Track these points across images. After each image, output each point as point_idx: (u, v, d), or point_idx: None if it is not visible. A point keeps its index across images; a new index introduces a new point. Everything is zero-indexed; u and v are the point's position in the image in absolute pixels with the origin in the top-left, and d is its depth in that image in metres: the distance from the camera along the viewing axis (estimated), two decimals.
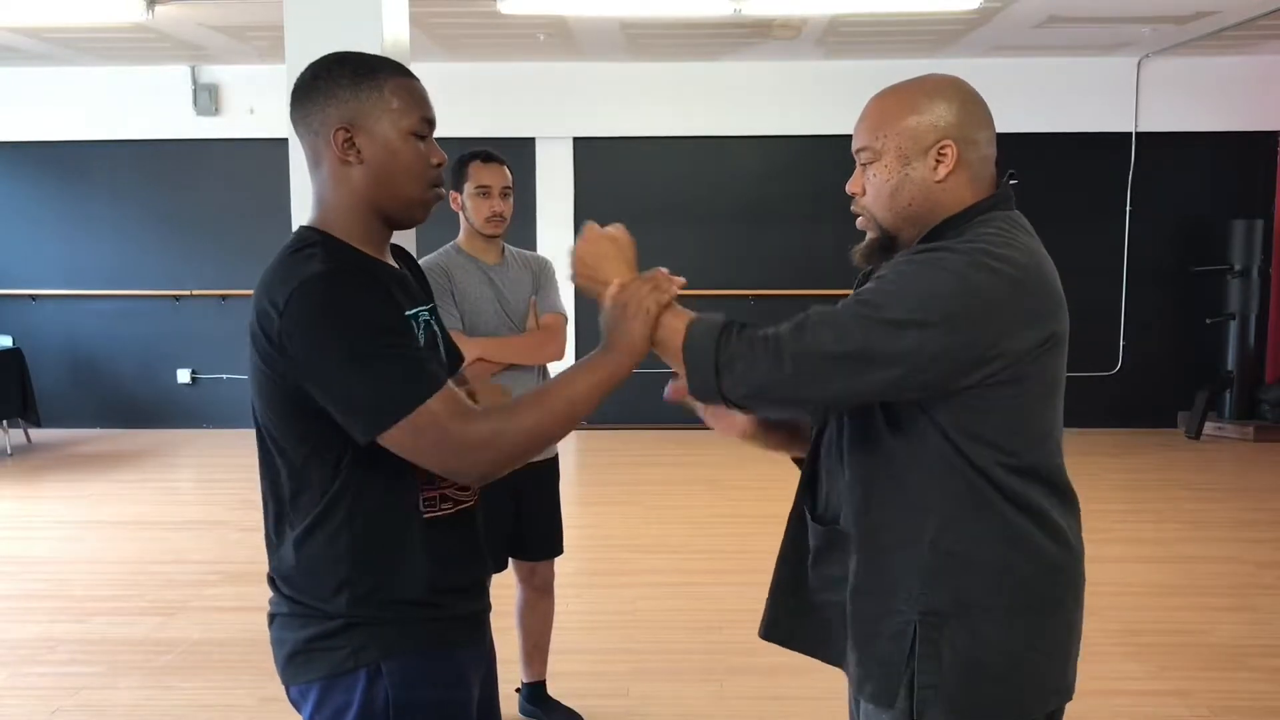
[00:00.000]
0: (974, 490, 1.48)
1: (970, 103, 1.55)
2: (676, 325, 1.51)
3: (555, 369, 3.17)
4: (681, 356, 1.50)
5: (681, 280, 1.56)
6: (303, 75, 1.53)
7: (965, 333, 1.41)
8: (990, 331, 1.42)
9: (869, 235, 1.61)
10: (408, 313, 1.51)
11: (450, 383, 1.44)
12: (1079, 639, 1.60)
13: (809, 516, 1.66)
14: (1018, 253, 1.48)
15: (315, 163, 1.53)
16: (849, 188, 1.60)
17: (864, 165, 1.57)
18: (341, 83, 1.49)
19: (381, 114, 1.49)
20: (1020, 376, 1.46)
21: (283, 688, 1.58)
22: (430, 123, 1.54)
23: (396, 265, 1.62)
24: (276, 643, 1.56)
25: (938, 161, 1.52)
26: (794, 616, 1.69)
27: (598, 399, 1.48)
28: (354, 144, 1.49)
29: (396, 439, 1.40)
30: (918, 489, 1.50)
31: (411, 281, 1.63)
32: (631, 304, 1.50)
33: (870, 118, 1.56)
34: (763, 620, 1.73)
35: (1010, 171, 1.61)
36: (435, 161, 1.55)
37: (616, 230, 1.62)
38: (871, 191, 1.56)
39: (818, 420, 1.68)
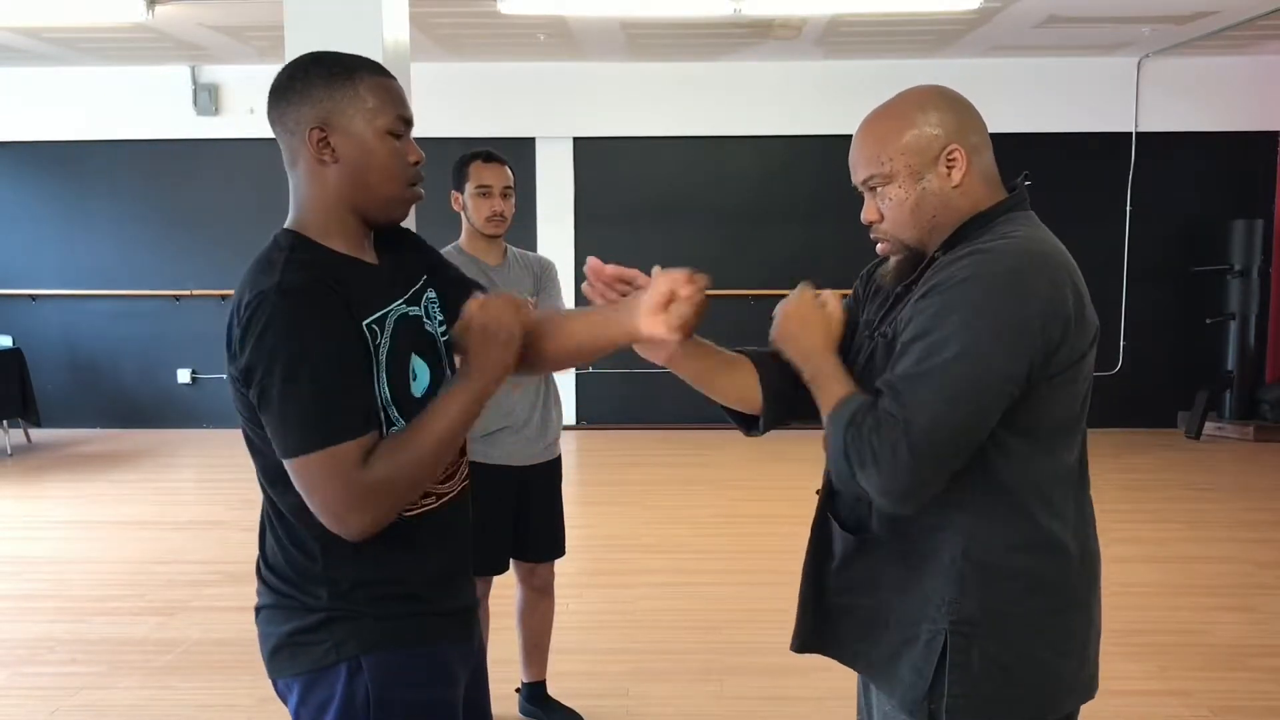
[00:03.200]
0: (1010, 496, 1.49)
1: (960, 106, 1.54)
2: (825, 404, 1.54)
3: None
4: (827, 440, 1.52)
5: (532, 301, 1.55)
6: (279, 75, 1.52)
7: (1039, 327, 1.42)
8: (1056, 322, 1.43)
9: (895, 258, 1.59)
10: (370, 319, 1.47)
11: (375, 433, 1.43)
12: (1099, 636, 1.61)
13: (837, 524, 1.64)
14: (1052, 249, 1.49)
15: (292, 162, 1.52)
16: (865, 217, 1.58)
17: (874, 190, 1.55)
18: (316, 82, 1.48)
19: (356, 113, 1.48)
20: (1077, 375, 1.48)
21: None
22: (407, 121, 1.53)
23: (378, 258, 1.58)
24: (262, 636, 1.56)
25: (949, 168, 1.51)
26: (822, 625, 1.68)
27: (466, 427, 1.49)
28: (329, 143, 1.48)
29: (298, 470, 1.40)
30: (953, 498, 1.48)
31: (386, 276, 1.57)
32: (492, 326, 1.49)
33: (868, 144, 1.54)
34: (795, 635, 1.72)
35: (1025, 172, 1.61)
36: (412, 160, 1.53)
37: (830, 299, 1.65)
38: (890, 214, 1.54)
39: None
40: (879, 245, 1.60)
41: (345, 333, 1.43)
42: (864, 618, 1.60)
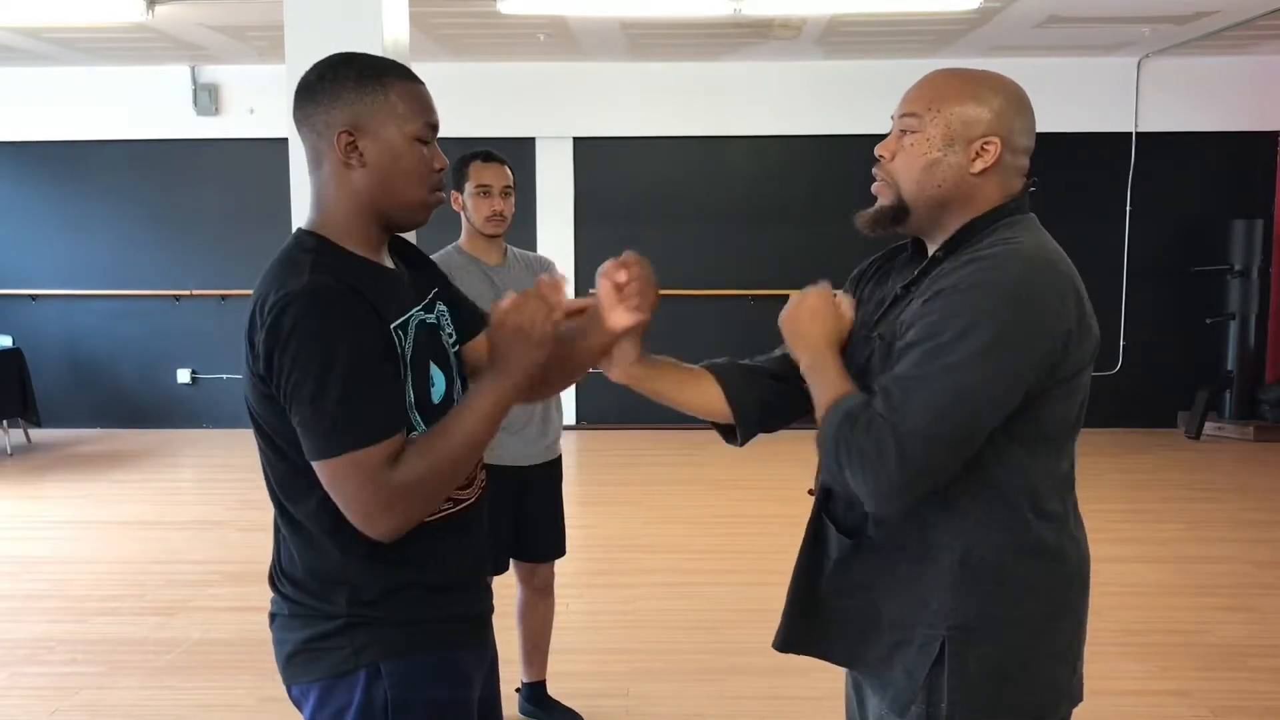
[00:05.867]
0: (1007, 503, 1.49)
1: (1025, 112, 1.55)
2: (821, 398, 1.54)
3: None
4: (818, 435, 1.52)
5: (561, 283, 1.53)
6: (308, 75, 1.52)
7: (1041, 337, 1.42)
8: (1059, 333, 1.43)
9: (880, 203, 1.58)
10: (395, 323, 1.48)
11: (403, 435, 1.43)
12: (1084, 640, 1.61)
13: (834, 528, 1.63)
14: (1057, 257, 1.49)
15: (316, 164, 1.52)
16: (879, 149, 1.57)
17: (903, 132, 1.55)
18: (347, 85, 1.48)
19: (386, 118, 1.48)
20: (1077, 386, 1.49)
21: (283, 687, 1.58)
22: (434, 128, 1.53)
23: (393, 265, 1.60)
24: (277, 643, 1.56)
25: (978, 155, 1.51)
26: (811, 625, 1.67)
27: (495, 427, 1.48)
28: (357, 147, 1.48)
29: (328, 472, 1.40)
30: (952, 503, 1.49)
31: (405, 282, 1.59)
32: (526, 326, 1.47)
33: (928, 88, 1.54)
34: (779, 633, 1.71)
35: (1032, 179, 1.61)
36: (437, 166, 1.54)
37: (845, 302, 1.65)
38: (903, 160, 1.54)
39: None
40: (874, 185, 1.59)
41: (374, 336, 1.43)
42: (858, 620, 1.60)
